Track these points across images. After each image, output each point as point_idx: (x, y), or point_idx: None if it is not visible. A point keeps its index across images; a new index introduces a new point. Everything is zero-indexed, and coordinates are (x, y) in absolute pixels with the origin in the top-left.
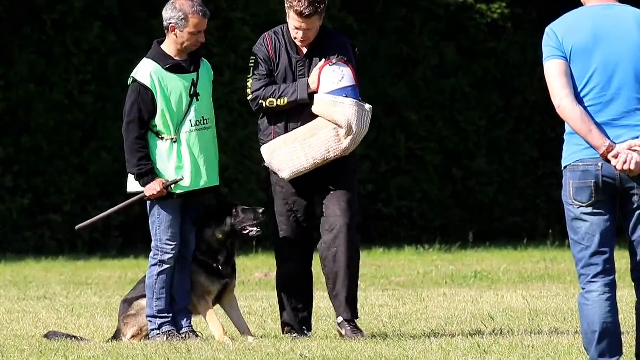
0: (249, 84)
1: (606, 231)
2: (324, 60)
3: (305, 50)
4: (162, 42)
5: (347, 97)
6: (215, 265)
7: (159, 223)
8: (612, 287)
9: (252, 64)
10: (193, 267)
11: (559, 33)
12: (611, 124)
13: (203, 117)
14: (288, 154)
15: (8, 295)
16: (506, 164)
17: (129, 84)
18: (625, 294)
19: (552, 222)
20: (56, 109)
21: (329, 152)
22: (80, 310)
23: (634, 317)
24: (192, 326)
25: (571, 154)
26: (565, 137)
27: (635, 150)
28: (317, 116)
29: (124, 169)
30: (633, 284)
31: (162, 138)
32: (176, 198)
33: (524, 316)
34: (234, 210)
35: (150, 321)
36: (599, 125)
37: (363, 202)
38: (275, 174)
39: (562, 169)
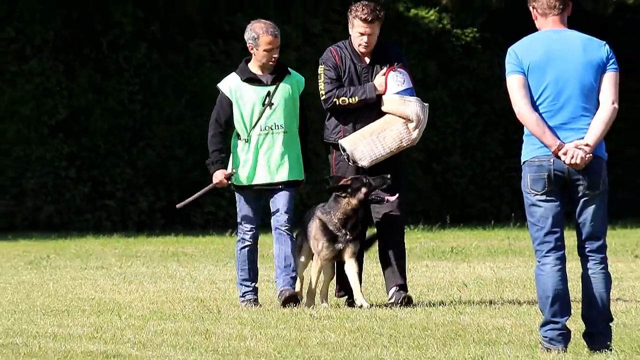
0: (321, 87)
1: (557, 215)
2: (387, 67)
3: (367, 60)
4: (250, 59)
5: (412, 96)
6: (337, 233)
7: (239, 210)
8: (562, 260)
9: (321, 71)
10: (318, 230)
11: (519, 53)
12: (561, 127)
13: (275, 123)
14: (367, 145)
15: (72, 265)
16: (477, 159)
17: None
18: (573, 266)
19: (514, 207)
20: (110, 114)
21: (402, 141)
22: (131, 278)
23: (580, 285)
24: (293, 287)
25: (528, 151)
26: (524, 137)
27: (580, 149)
28: (382, 115)
29: (165, 162)
30: (579, 258)
31: (239, 137)
32: (249, 191)
33: (492, 284)
34: (365, 179)
35: (238, 288)
36: (551, 128)
37: None
38: (355, 162)
39: (522, 164)
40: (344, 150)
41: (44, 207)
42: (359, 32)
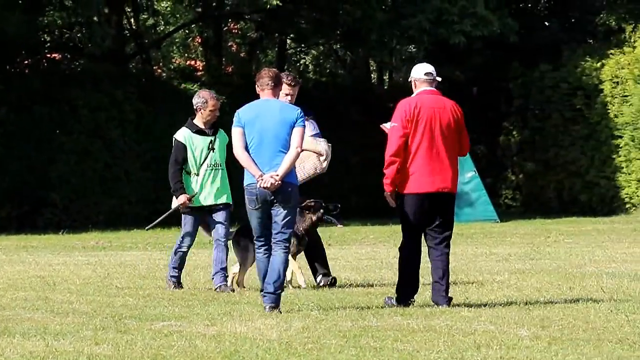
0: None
1: (264, 221)
2: None
3: None
4: (194, 117)
5: (321, 137)
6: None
7: (183, 225)
8: (269, 249)
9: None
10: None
11: (240, 113)
12: (263, 163)
13: (216, 162)
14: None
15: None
16: None
17: (172, 141)
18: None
19: None
20: None
21: (316, 169)
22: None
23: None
24: (225, 282)
25: (246, 179)
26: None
27: (272, 177)
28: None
29: None
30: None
31: (189, 173)
32: (198, 211)
33: None
34: (323, 204)
35: (169, 280)
36: (256, 164)
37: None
38: None
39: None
40: None
41: None
42: (285, 93)
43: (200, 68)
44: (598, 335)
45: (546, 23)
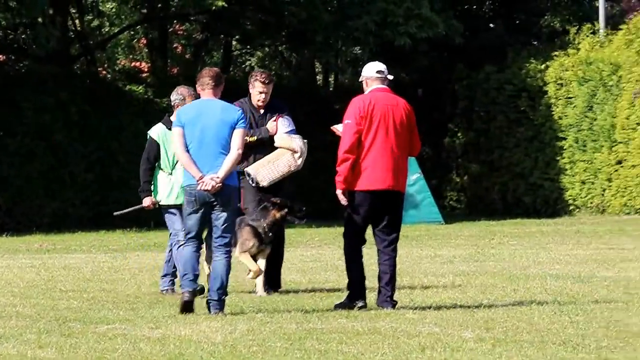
0: None
1: (201, 223)
2: (276, 115)
3: (262, 111)
4: (171, 114)
5: (295, 134)
6: (262, 236)
7: (174, 220)
8: (199, 245)
9: None
10: (249, 233)
11: (180, 113)
12: (204, 164)
13: None
14: (266, 171)
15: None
16: None
17: (147, 137)
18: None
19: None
20: None
21: (290, 167)
22: None
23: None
24: (172, 286)
25: (186, 180)
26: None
27: (212, 179)
28: (274, 149)
29: None
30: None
31: (163, 171)
32: (176, 208)
33: None
34: (289, 203)
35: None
36: (197, 164)
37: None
38: (257, 183)
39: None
40: (249, 175)
41: None
42: (259, 90)
43: (146, 69)
44: (542, 337)
45: (491, 25)
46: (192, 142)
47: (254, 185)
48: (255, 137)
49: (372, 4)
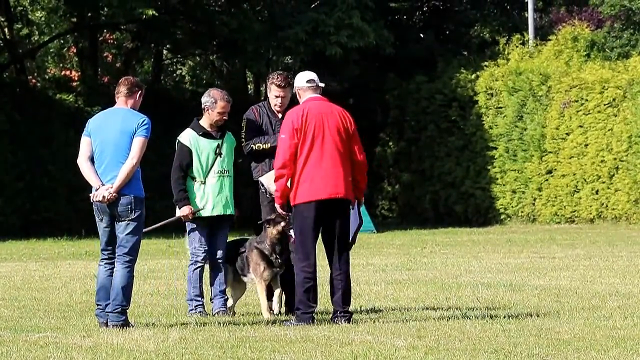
0: (242, 136)
1: (107, 234)
2: None
3: (280, 115)
4: (200, 118)
5: None
6: (270, 257)
7: (193, 237)
8: (113, 262)
9: (243, 124)
10: (257, 257)
11: (89, 122)
12: (103, 173)
13: (224, 168)
14: None
15: None
16: None
17: (176, 143)
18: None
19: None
20: None
21: None
22: None
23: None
24: (225, 307)
25: (94, 190)
26: None
27: (107, 189)
28: None
29: None
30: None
31: (195, 180)
32: (203, 221)
33: None
34: (287, 217)
35: (189, 303)
36: (98, 175)
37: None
38: (271, 194)
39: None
40: (262, 185)
41: None
42: (275, 95)
43: (76, 78)
44: (474, 345)
45: (421, 35)
46: (96, 152)
47: (268, 196)
48: (269, 145)
49: (303, 14)
